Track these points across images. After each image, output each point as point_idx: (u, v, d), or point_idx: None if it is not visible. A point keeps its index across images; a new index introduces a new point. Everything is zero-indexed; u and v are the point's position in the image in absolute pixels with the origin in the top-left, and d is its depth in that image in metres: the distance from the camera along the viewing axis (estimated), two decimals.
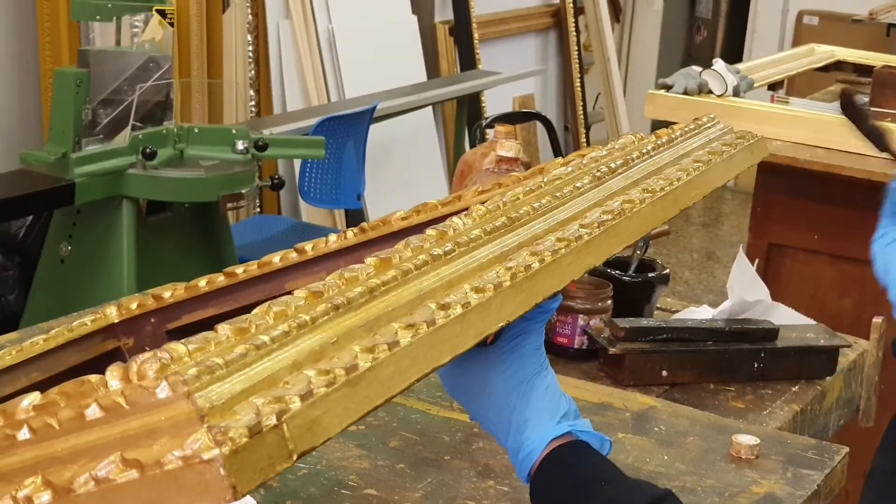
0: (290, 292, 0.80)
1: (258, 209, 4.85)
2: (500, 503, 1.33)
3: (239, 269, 1.36)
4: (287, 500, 1.32)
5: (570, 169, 1.20)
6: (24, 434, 0.73)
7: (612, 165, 1.22)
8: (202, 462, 0.66)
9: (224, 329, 0.76)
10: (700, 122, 1.44)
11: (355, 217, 4.58)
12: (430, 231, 0.98)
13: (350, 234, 1.32)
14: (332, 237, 1.32)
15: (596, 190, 1.17)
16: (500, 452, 1.44)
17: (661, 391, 1.78)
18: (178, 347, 0.72)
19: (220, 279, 1.36)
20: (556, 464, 1.05)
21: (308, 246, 1.33)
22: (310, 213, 4.98)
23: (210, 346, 0.74)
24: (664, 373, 1.80)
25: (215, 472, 0.66)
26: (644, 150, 1.29)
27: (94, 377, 0.72)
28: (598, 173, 1.19)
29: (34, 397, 0.75)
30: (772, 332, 1.87)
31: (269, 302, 0.80)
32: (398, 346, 0.81)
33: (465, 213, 1.04)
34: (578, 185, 1.15)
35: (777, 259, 3.08)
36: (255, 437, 0.68)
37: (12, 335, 1.79)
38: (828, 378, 1.88)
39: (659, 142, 1.33)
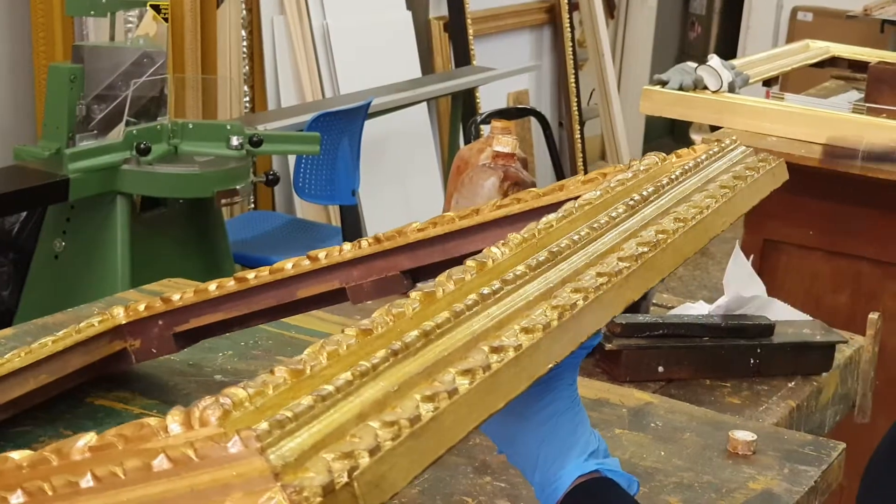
0: (302, 300, 0.79)
1: (252, 205, 4.85)
2: (497, 499, 1.32)
3: (250, 275, 1.35)
4: None
5: (598, 193, 1.19)
6: (87, 482, 0.72)
7: (644, 193, 1.21)
8: None
9: (280, 371, 0.75)
10: (723, 145, 1.44)
11: (350, 213, 4.58)
12: (469, 262, 0.97)
13: (365, 243, 1.32)
14: (347, 246, 1.32)
15: (631, 220, 1.16)
16: (496, 448, 1.43)
17: (657, 387, 1.78)
18: (238, 392, 0.71)
19: (230, 284, 1.36)
20: (582, 499, 1.04)
21: (321, 254, 1.33)
22: (304, 209, 4.98)
23: (268, 389, 0.73)
24: (660, 369, 1.80)
25: None
26: (672, 176, 1.28)
27: (153, 420, 0.71)
28: (632, 202, 1.19)
29: (90, 438, 0.74)
30: (768, 328, 1.86)
31: (321, 342, 0.80)
32: (457, 393, 0.81)
33: (502, 242, 1.03)
34: (613, 214, 1.15)
35: (772, 255, 3.08)
36: (328, 496, 0.67)
37: (7, 331, 1.78)
38: (824, 374, 1.87)
39: (686, 166, 1.32)
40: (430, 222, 1.30)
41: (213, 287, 1.36)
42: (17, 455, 0.78)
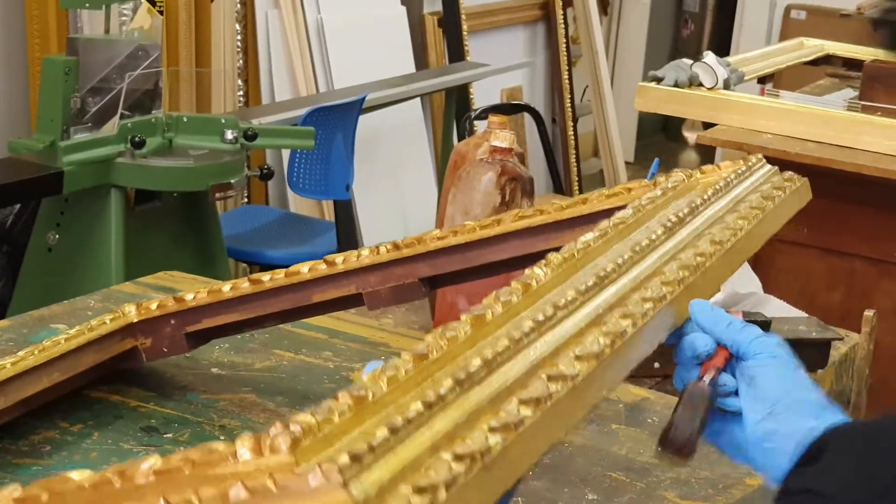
0: (317, 304, 0.79)
1: (246, 199, 4.84)
2: None
3: (265, 277, 1.35)
4: None
5: (630, 212, 1.20)
6: None
7: (680, 215, 1.22)
8: None
9: (344, 397, 0.76)
10: (749, 164, 1.44)
11: (343, 208, 4.57)
12: (514, 284, 0.98)
13: (383, 249, 1.32)
14: (365, 251, 1.32)
15: (669, 242, 1.17)
16: None
17: (653, 383, 1.78)
18: (307, 419, 0.72)
19: (244, 286, 1.36)
20: None
21: (339, 258, 1.33)
22: (297, 204, 4.97)
23: (334, 417, 0.74)
24: (657, 364, 1.80)
25: None
26: (705, 197, 1.29)
27: (220, 445, 0.71)
28: (669, 223, 1.20)
29: (154, 461, 0.73)
30: (764, 325, 1.86)
31: (382, 367, 0.81)
32: (523, 424, 0.82)
33: (543, 262, 1.04)
34: (653, 237, 1.16)
35: (767, 252, 3.08)
36: None
37: (3, 323, 1.78)
38: (819, 371, 1.88)
39: (717, 185, 1.33)
40: (450, 231, 1.30)
41: (227, 288, 1.36)
42: (76, 475, 0.77)
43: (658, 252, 1.15)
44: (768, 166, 1.47)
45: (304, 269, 1.34)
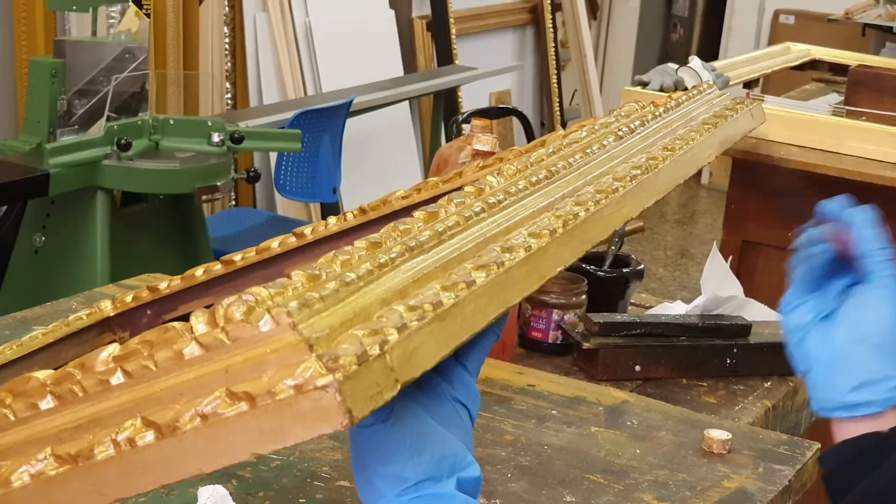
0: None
1: (233, 202, 4.85)
2: None
3: (236, 257, 1.35)
4: (260, 492, 1.31)
5: (584, 133, 1.21)
6: (117, 378, 0.73)
7: (632, 126, 1.24)
8: (317, 389, 0.66)
9: (297, 276, 0.77)
10: (701, 89, 1.47)
11: (331, 211, 4.58)
12: (468, 188, 1.00)
13: (350, 215, 1.32)
14: (332, 220, 1.32)
15: (620, 148, 1.20)
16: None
17: (634, 386, 1.79)
18: (260, 291, 0.73)
19: (216, 268, 1.36)
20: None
21: (307, 230, 1.32)
22: (285, 207, 4.97)
23: (288, 291, 0.75)
24: (637, 367, 1.81)
25: (331, 397, 0.66)
26: (657, 113, 1.31)
27: (177, 324, 0.73)
28: (621, 133, 1.21)
29: (113, 349, 0.75)
30: (745, 328, 1.87)
31: (333, 252, 0.82)
32: (475, 284, 0.83)
33: (497, 172, 1.06)
34: (605, 143, 1.19)
35: (751, 256, 3.09)
36: (363, 364, 0.69)
37: None
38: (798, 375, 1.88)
39: (668, 105, 1.35)
40: (413, 189, 1.30)
41: (199, 272, 1.35)
42: (40, 374, 0.78)
43: (609, 154, 1.17)
44: (719, 91, 1.49)
45: (275, 244, 1.33)
